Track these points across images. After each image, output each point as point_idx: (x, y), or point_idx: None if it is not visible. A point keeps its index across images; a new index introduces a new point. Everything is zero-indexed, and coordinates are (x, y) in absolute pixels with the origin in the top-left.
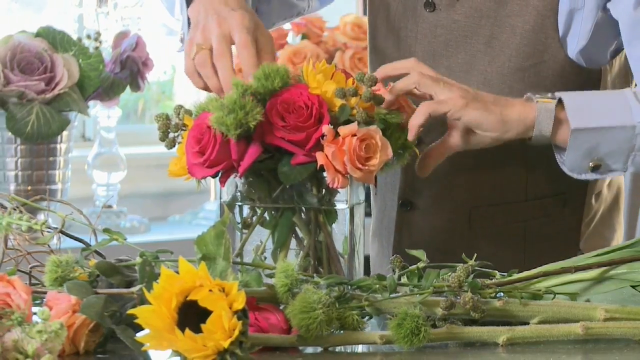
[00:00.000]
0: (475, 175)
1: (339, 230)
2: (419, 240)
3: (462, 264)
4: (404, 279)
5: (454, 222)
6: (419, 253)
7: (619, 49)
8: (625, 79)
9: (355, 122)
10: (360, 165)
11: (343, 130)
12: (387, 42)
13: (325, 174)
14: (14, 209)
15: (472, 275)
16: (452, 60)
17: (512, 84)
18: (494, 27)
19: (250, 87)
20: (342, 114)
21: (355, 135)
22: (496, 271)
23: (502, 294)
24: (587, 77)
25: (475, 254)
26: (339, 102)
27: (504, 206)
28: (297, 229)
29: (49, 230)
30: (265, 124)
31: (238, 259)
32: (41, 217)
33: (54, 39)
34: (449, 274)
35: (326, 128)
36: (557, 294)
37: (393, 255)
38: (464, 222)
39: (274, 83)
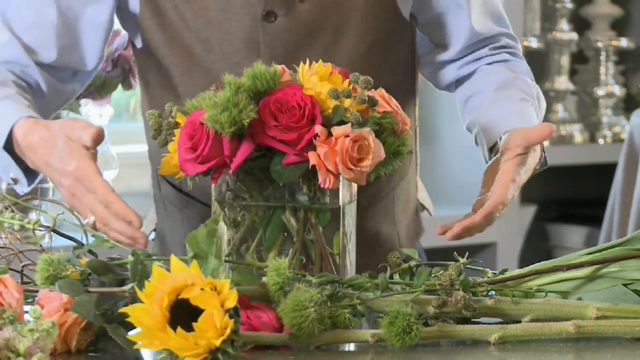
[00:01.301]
0: None
1: (330, 229)
2: None
3: (454, 262)
4: (395, 277)
5: None
6: (411, 251)
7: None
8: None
9: (349, 124)
10: (352, 166)
11: (336, 130)
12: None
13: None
14: (6, 208)
15: (463, 274)
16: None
17: (364, 66)
18: (339, 17)
19: (243, 85)
20: (335, 115)
21: (348, 136)
22: (488, 269)
23: (493, 292)
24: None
25: None
26: (332, 103)
27: None
28: (287, 227)
29: (41, 229)
30: (257, 123)
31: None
32: (33, 216)
33: None
34: (441, 272)
35: (319, 128)
36: (549, 292)
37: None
38: None
39: (263, 83)
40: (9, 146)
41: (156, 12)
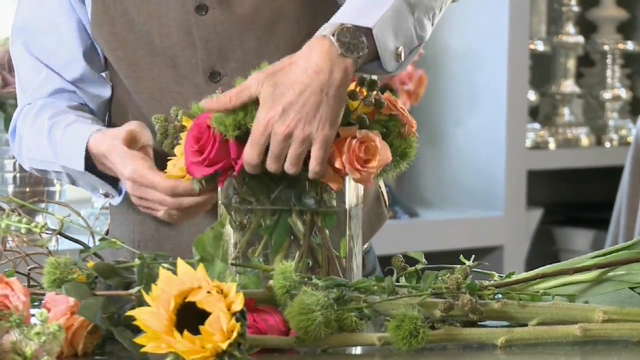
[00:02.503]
0: None
1: (337, 232)
2: None
3: (460, 266)
4: (402, 281)
5: None
6: (417, 255)
7: None
8: None
9: (357, 125)
10: (359, 167)
11: (343, 131)
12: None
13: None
14: (12, 211)
15: (470, 277)
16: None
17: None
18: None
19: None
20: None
21: (355, 137)
22: (494, 273)
23: (500, 295)
24: None
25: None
26: None
27: None
28: (294, 231)
29: (48, 232)
30: None
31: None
32: (39, 219)
33: None
34: (447, 275)
35: None
36: (556, 295)
37: None
38: None
39: None
40: (90, 165)
41: (103, 6)
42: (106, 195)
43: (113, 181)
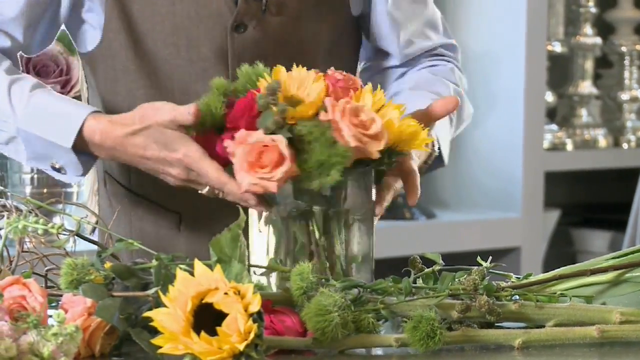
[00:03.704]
0: None
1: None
2: None
3: (477, 267)
4: (419, 282)
5: None
6: (435, 256)
7: None
8: None
9: (261, 130)
10: (255, 172)
11: (250, 136)
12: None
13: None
14: (30, 212)
15: (487, 278)
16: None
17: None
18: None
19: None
20: (264, 121)
21: (244, 142)
22: (511, 274)
23: (517, 296)
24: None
25: None
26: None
27: None
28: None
29: (65, 233)
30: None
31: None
32: (57, 219)
33: (70, 42)
34: (465, 276)
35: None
36: (573, 296)
37: None
38: None
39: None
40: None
41: (122, 13)
42: (57, 169)
43: (87, 162)
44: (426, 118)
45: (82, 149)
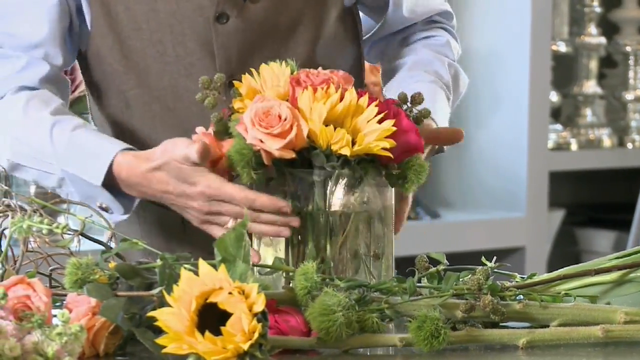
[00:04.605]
0: None
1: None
2: None
3: (482, 267)
4: (423, 282)
5: None
6: (439, 255)
7: None
8: None
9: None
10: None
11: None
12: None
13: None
14: (34, 212)
15: (491, 278)
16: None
17: (319, 60)
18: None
19: None
20: (217, 126)
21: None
22: (516, 274)
23: (522, 296)
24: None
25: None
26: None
27: None
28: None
29: (69, 232)
30: None
31: None
32: (61, 219)
33: None
34: (469, 276)
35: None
36: (577, 296)
37: None
38: None
39: None
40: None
41: (107, 16)
42: (104, 208)
43: (127, 201)
44: (432, 138)
45: (116, 187)
